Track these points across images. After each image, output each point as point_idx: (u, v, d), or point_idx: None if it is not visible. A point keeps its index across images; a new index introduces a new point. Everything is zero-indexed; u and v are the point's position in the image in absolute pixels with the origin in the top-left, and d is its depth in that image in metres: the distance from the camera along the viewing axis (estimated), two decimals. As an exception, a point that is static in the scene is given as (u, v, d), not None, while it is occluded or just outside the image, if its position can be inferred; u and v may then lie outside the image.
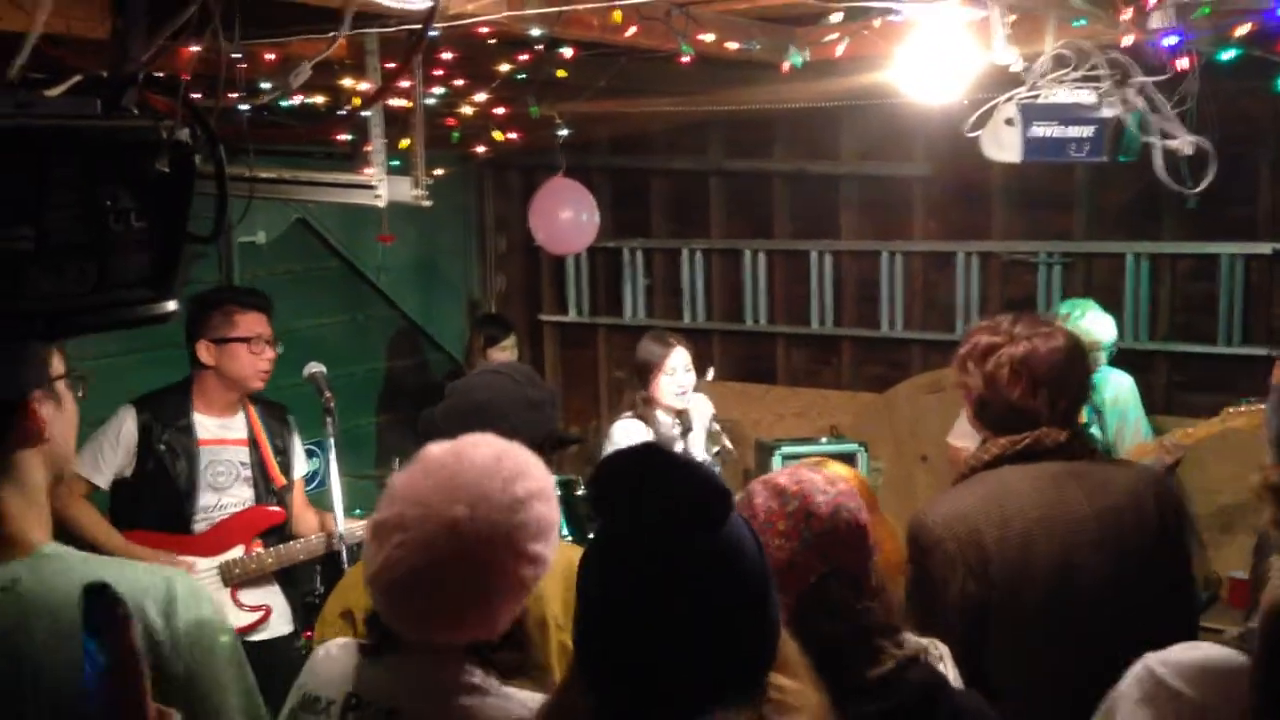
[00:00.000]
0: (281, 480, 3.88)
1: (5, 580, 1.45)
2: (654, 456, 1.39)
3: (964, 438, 4.63)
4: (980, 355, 2.49)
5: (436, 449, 1.73)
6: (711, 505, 1.35)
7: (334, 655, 1.83)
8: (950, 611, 2.32)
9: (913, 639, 1.98)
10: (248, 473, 3.83)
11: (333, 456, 3.70)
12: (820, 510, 1.79)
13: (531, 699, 1.66)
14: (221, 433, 3.81)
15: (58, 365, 1.57)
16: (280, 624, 3.85)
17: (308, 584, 4.30)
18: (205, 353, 3.73)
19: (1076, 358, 2.51)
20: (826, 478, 1.86)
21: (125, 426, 3.68)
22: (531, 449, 2.40)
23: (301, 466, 4.08)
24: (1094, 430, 4.41)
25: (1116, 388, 4.59)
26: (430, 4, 1.52)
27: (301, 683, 1.83)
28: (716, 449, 4.46)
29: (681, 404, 4.35)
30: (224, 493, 3.78)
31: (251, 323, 3.76)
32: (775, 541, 1.77)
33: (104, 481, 3.67)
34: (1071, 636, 2.34)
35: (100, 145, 1.16)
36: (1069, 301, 4.72)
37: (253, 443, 3.86)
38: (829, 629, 1.72)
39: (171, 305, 1.24)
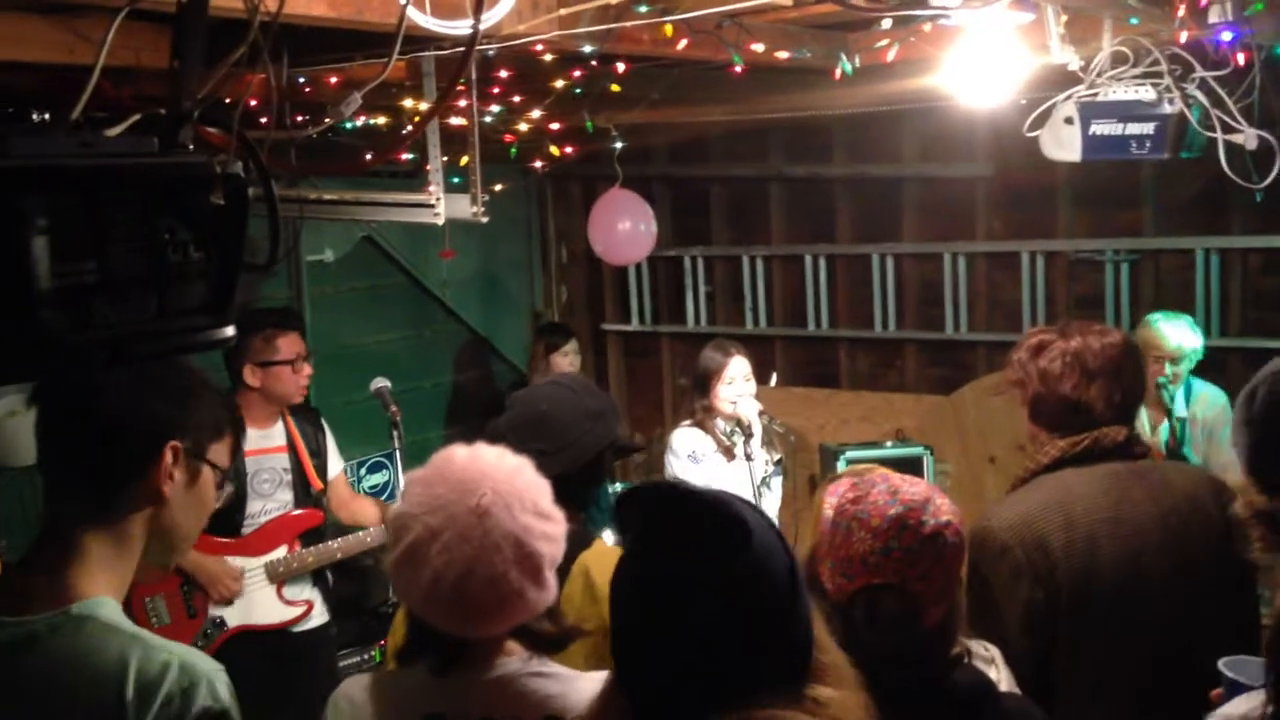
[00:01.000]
0: (319, 484, 4.09)
1: (25, 634, 1.44)
2: (671, 494, 1.43)
3: None
4: (1033, 352, 2.49)
5: (419, 472, 1.80)
6: (724, 544, 1.37)
7: (380, 689, 1.84)
8: (1015, 618, 2.30)
9: (962, 641, 1.98)
10: (288, 478, 4.03)
11: (399, 469, 3.78)
12: (920, 530, 1.76)
13: (598, 678, 1.69)
14: (263, 442, 4.00)
15: (219, 454, 1.57)
16: (320, 616, 4.08)
17: (381, 594, 4.44)
18: (251, 376, 3.93)
19: (1131, 353, 2.50)
20: (947, 503, 1.83)
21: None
22: (594, 458, 2.48)
23: (337, 464, 4.28)
24: (1186, 450, 4.31)
25: (1209, 403, 4.48)
26: (470, 30, 1.56)
27: None
28: (778, 457, 4.46)
29: (737, 410, 4.36)
30: (268, 499, 3.99)
31: (292, 344, 3.99)
32: (862, 533, 1.78)
33: None
34: (1137, 638, 2.32)
35: (158, 181, 1.21)
36: (1156, 315, 4.60)
37: (291, 449, 4.07)
38: (869, 636, 1.73)
39: (230, 331, 1.29)
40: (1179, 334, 4.36)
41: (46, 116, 1.17)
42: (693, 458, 4.39)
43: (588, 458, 2.43)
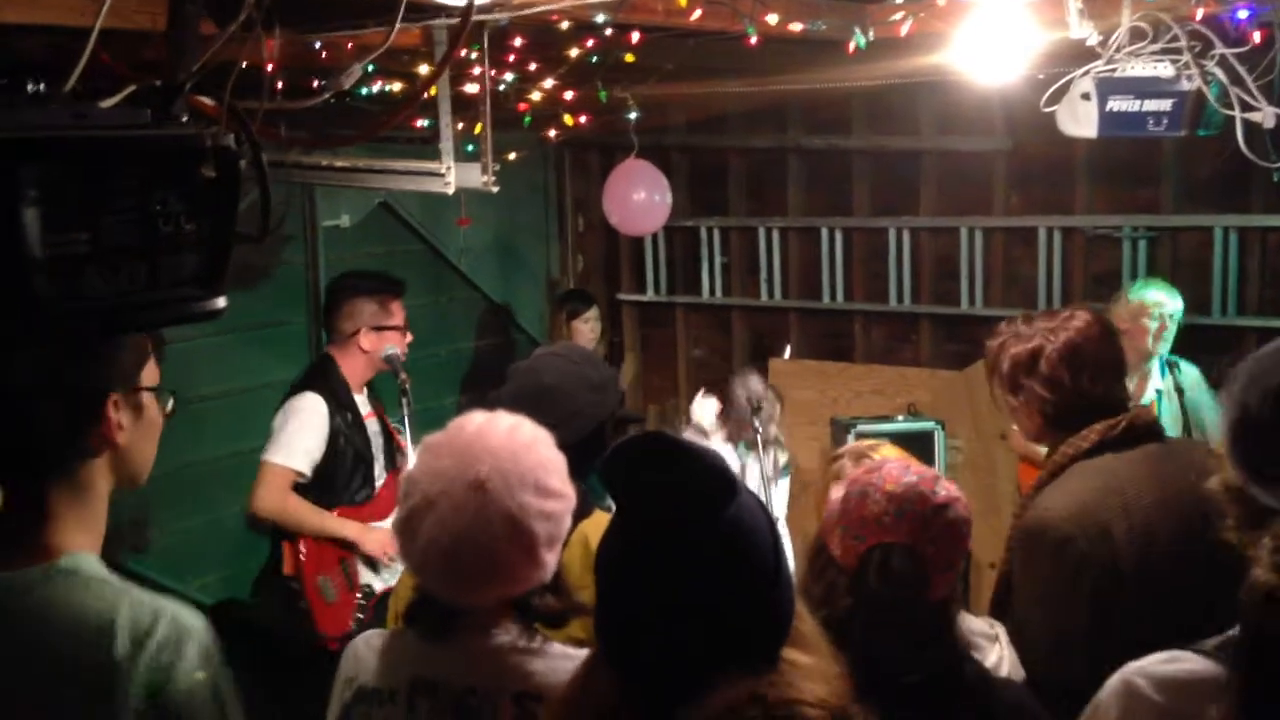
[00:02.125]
0: (403, 443, 4.14)
1: (11, 587, 1.45)
2: (658, 444, 1.42)
3: None
4: (1027, 366, 2.43)
5: (434, 437, 1.83)
6: (712, 493, 1.38)
7: (382, 646, 1.88)
8: (1079, 609, 2.26)
9: (968, 619, 2.00)
10: (381, 440, 4.15)
11: (408, 436, 3.81)
12: (932, 499, 1.83)
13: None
14: (364, 407, 4.13)
15: (149, 376, 1.56)
16: None
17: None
18: (365, 340, 4.03)
19: (1108, 331, 2.48)
20: (955, 486, 1.90)
21: (321, 416, 3.93)
22: (595, 429, 2.49)
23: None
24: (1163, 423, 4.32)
25: (1194, 380, 4.51)
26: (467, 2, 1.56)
27: (350, 677, 1.87)
28: (785, 460, 4.50)
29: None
30: (376, 462, 4.11)
31: (401, 309, 4.17)
32: (877, 496, 1.83)
33: (310, 471, 3.93)
34: (1193, 621, 2.30)
35: (150, 153, 1.23)
36: (1137, 283, 4.71)
37: (378, 413, 4.21)
38: (879, 590, 1.75)
39: (221, 302, 1.31)
40: (1171, 293, 4.48)
41: (42, 87, 1.17)
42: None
43: (589, 429, 2.45)
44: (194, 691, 1.44)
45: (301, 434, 3.88)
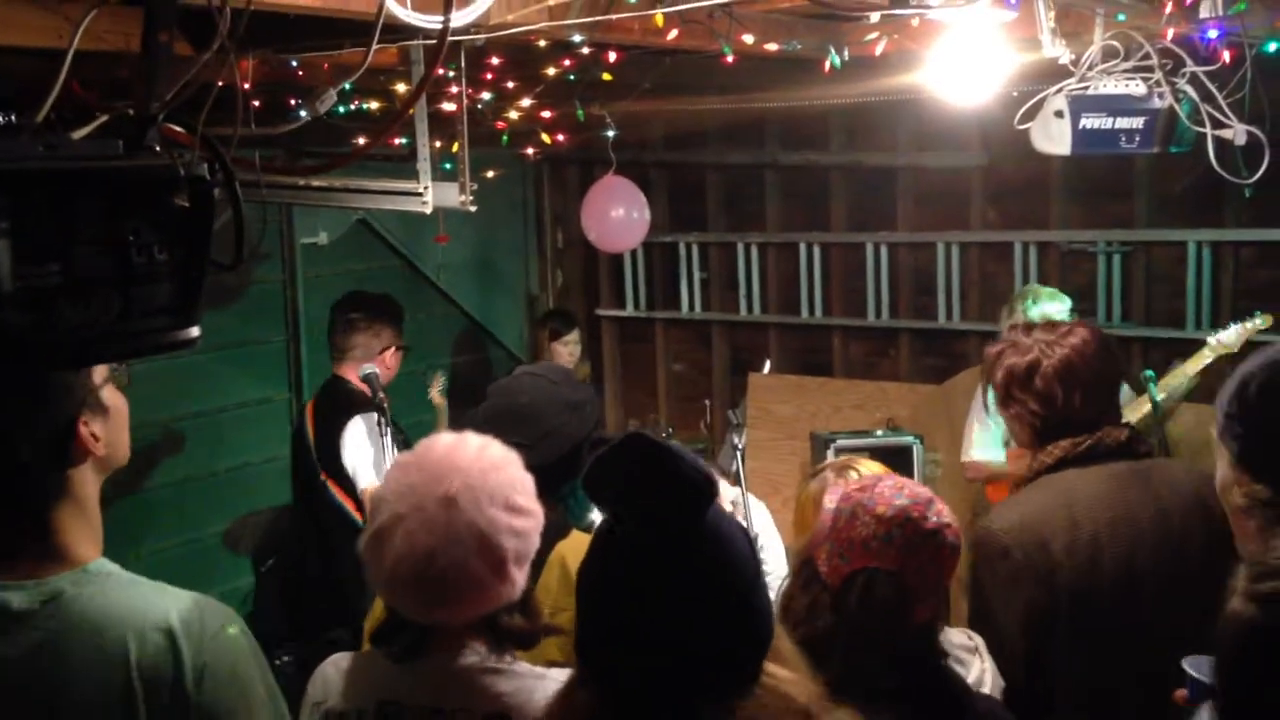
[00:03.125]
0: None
1: (48, 594, 1.49)
2: (637, 450, 1.42)
3: (984, 449, 4.59)
4: (1022, 380, 2.43)
5: (403, 456, 1.86)
6: (691, 497, 1.38)
7: (350, 668, 1.88)
8: (1015, 620, 2.28)
9: (949, 633, 2.01)
10: None
11: (388, 455, 3.79)
12: (922, 525, 1.81)
13: (564, 677, 1.71)
14: None
15: (100, 372, 1.59)
16: None
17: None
18: (394, 359, 4.40)
19: (1106, 348, 2.49)
20: (948, 509, 1.88)
21: (383, 432, 3.97)
22: (571, 450, 2.49)
23: None
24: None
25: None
26: (441, 24, 1.57)
27: (318, 701, 1.87)
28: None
29: None
30: None
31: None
32: (866, 518, 1.82)
33: None
34: (1137, 639, 2.29)
35: (123, 184, 1.22)
36: (1029, 290, 4.60)
37: None
38: (860, 620, 1.75)
39: (195, 332, 1.30)
40: (1062, 301, 4.41)
41: (13, 118, 1.17)
42: None
43: (565, 450, 2.44)
44: (238, 658, 1.54)
45: (375, 453, 4.06)
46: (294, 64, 3.34)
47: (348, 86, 3.22)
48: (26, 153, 1.16)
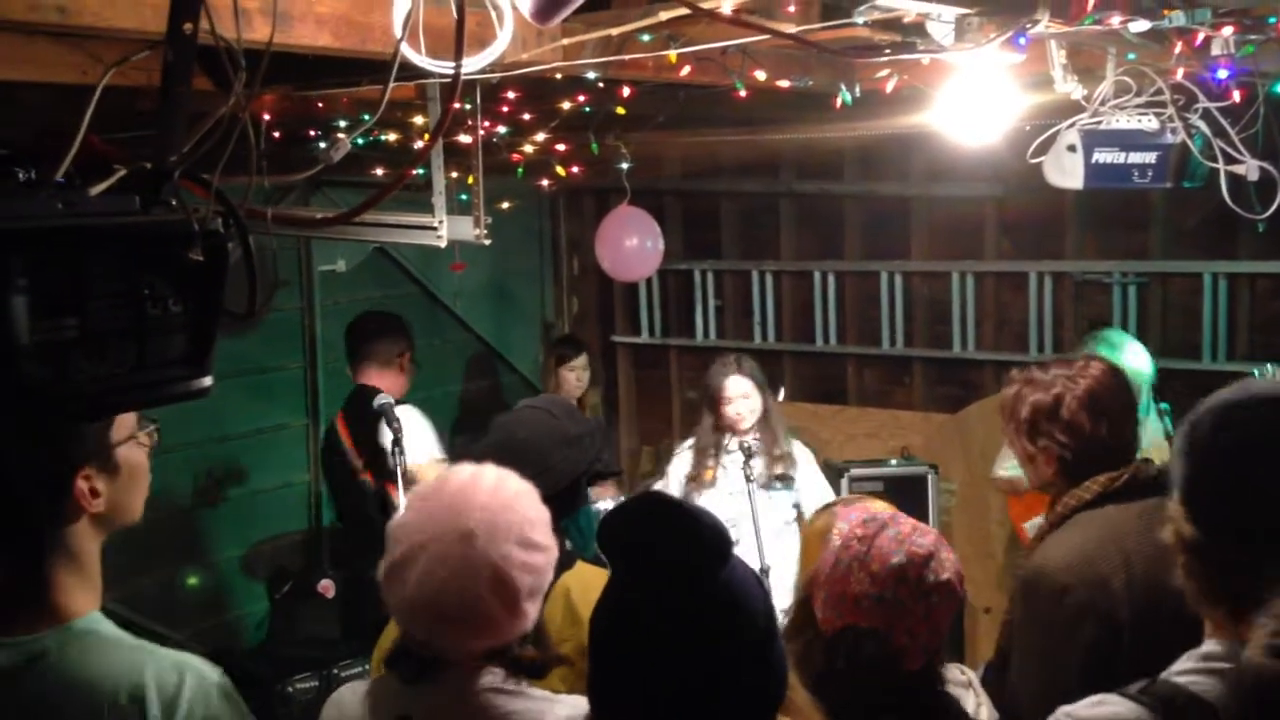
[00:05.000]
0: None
1: (34, 653, 1.49)
2: (653, 509, 1.44)
3: (1018, 469, 4.58)
4: (1049, 413, 2.44)
5: (422, 488, 1.90)
6: (706, 559, 1.39)
7: (366, 690, 1.91)
8: (1076, 660, 2.25)
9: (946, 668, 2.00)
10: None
11: (400, 485, 3.80)
12: (918, 585, 1.79)
13: (577, 702, 1.73)
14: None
15: (121, 429, 1.58)
16: None
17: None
18: (408, 365, 4.58)
19: (1125, 380, 2.50)
20: (952, 559, 1.86)
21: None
22: (570, 483, 2.52)
23: None
24: None
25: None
26: (452, 72, 1.60)
27: None
28: (780, 472, 4.48)
29: (741, 425, 4.40)
30: None
31: None
32: (860, 574, 1.81)
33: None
34: None
35: (139, 239, 1.25)
36: (1104, 334, 4.54)
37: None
38: (847, 677, 1.75)
39: (207, 381, 1.33)
40: (1144, 362, 4.35)
41: (33, 174, 1.20)
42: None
43: (564, 484, 2.49)
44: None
45: (433, 432, 4.38)
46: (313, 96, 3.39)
47: (365, 116, 3.25)
48: (45, 210, 1.19)
